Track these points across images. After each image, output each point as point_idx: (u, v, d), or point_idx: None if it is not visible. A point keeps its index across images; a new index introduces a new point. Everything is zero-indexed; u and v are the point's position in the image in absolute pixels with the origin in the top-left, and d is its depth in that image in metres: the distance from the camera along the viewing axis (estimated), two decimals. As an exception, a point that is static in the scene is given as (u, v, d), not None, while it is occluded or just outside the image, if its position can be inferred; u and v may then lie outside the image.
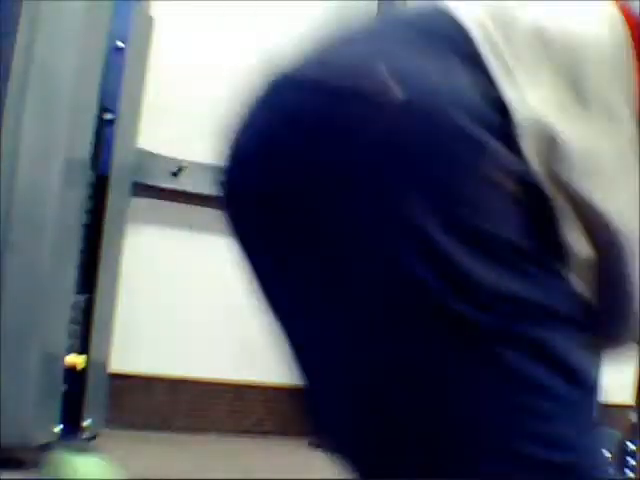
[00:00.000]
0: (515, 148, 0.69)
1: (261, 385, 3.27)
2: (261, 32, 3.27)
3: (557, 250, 0.71)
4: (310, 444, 3.15)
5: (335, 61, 0.77)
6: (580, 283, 0.72)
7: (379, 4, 3.25)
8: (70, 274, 2.36)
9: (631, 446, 2.36)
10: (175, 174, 3.05)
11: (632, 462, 2.33)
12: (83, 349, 2.46)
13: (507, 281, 0.67)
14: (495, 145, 0.68)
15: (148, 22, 2.77)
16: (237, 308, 3.28)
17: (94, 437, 2.54)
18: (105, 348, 2.66)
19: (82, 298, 2.47)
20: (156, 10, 2.90)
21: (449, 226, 0.67)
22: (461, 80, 0.71)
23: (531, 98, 0.70)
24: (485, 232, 0.68)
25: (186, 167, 3.06)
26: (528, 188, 0.69)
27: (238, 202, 0.81)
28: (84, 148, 2.37)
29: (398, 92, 0.70)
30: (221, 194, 0.82)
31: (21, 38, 2.18)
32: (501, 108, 0.70)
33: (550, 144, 0.69)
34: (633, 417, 2.50)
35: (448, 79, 0.71)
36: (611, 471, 0.76)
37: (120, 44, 2.51)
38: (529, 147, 0.69)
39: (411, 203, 0.68)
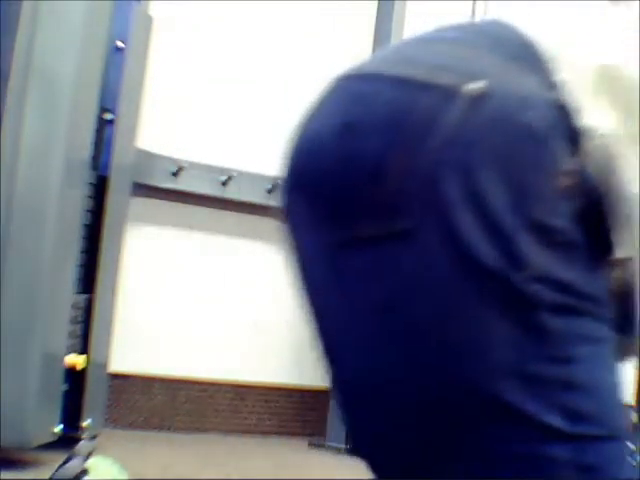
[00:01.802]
0: (575, 150, 0.75)
1: (261, 385, 3.27)
2: (261, 32, 3.28)
3: (601, 245, 0.77)
4: (310, 444, 3.15)
5: (410, 58, 0.81)
6: (614, 278, 0.78)
7: (379, 4, 3.25)
8: (70, 274, 2.36)
9: (631, 446, 2.35)
10: (175, 174, 3.05)
11: (632, 462, 2.33)
12: (83, 349, 2.46)
13: (554, 266, 0.74)
14: (560, 145, 0.74)
15: (148, 22, 2.77)
16: (237, 308, 3.29)
17: (94, 437, 2.54)
18: (105, 348, 2.66)
19: (82, 298, 2.47)
20: (156, 10, 2.90)
21: (514, 211, 0.73)
22: (530, 83, 0.76)
23: (593, 113, 0.76)
24: (544, 223, 0.74)
25: (186, 167, 3.06)
26: (584, 187, 0.75)
27: (306, 182, 0.82)
28: (84, 148, 2.37)
29: (473, 86, 0.74)
30: (289, 167, 0.84)
31: (21, 38, 2.18)
32: (565, 114, 0.75)
33: (607, 157, 0.76)
34: (633, 417, 2.49)
35: (519, 81, 0.76)
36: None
37: (120, 44, 2.52)
38: (589, 153, 0.75)
39: (482, 185, 0.73)
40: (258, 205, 3.23)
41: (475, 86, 0.74)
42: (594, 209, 0.75)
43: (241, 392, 3.24)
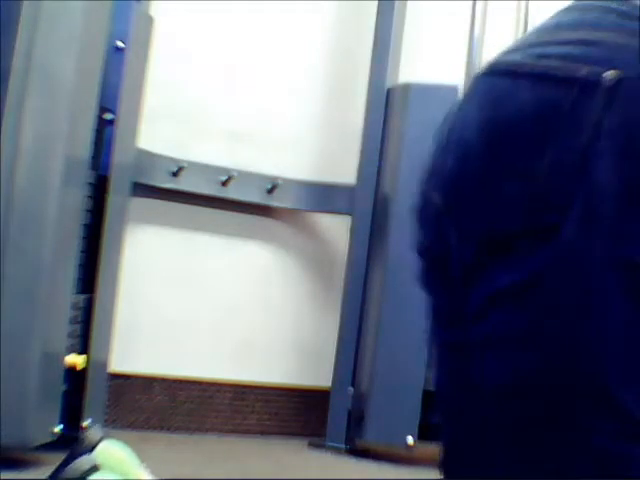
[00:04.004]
0: None
1: (261, 385, 3.27)
2: (261, 32, 3.28)
3: None
4: (310, 444, 3.15)
5: (541, 50, 0.81)
6: None
7: (379, 4, 3.25)
8: (70, 274, 2.36)
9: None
10: (175, 174, 3.05)
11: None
12: (83, 349, 2.46)
13: None
14: None
15: (148, 22, 2.77)
16: (237, 308, 3.29)
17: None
18: (105, 348, 2.66)
19: (82, 298, 2.47)
20: (156, 10, 2.90)
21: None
22: None
23: None
24: None
25: (186, 167, 3.06)
26: None
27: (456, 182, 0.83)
28: (84, 148, 2.37)
29: (608, 76, 0.74)
30: (434, 169, 0.85)
31: (21, 38, 2.18)
32: None
33: None
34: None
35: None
36: None
37: (120, 44, 2.52)
38: None
39: (633, 170, 0.73)
40: (258, 205, 3.23)
41: (610, 75, 0.75)
42: None
43: (241, 392, 3.24)
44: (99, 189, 2.50)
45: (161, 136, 3.04)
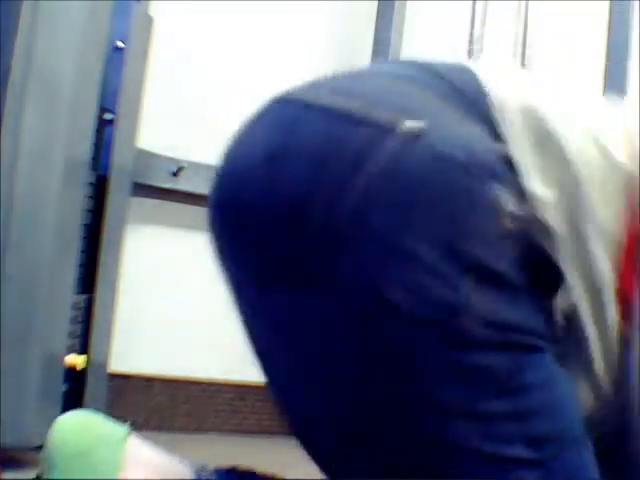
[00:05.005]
0: (517, 193, 0.73)
1: (261, 385, 3.27)
2: (261, 32, 3.28)
3: (545, 284, 0.76)
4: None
5: (347, 89, 0.79)
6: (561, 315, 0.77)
7: (379, 4, 3.25)
8: (70, 274, 2.36)
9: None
10: (175, 174, 3.05)
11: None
12: (83, 349, 2.46)
13: (495, 306, 0.72)
14: (500, 189, 0.72)
15: (148, 22, 2.77)
16: (237, 308, 3.29)
17: (94, 437, 2.53)
18: (105, 348, 2.66)
19: (82, 298, 2.47)
20: (156, 10, 2.90)
21: (447, 254, 0.70)
22: (472, 131, 0.74)
23: (531, 173, 0.74)
24: (484, 265, 0.71)
25: (186, 167, 3.06)
26: (528, 232, 0.74)
27: (228, 222, 0.84)
28: (84, 148, 2.37)
29: (409, 124, 0.71)
30: (212, 210, 0.86)
31: (21, 38, 2.18)
32: (508, 166, 0.74)
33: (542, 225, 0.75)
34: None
35: (459, 127, 0.74)
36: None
37: (120, 44, 2.52)
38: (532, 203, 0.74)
39: (411, 226, 0.71)
40: (258, 205, 3.23)
41: (412, 124, 0.71)
42: (537, 254, 0.74)
43: (241, 392, 3.24)
44: (99, 189, 2.50)
45: (161, 136, 3.03)
